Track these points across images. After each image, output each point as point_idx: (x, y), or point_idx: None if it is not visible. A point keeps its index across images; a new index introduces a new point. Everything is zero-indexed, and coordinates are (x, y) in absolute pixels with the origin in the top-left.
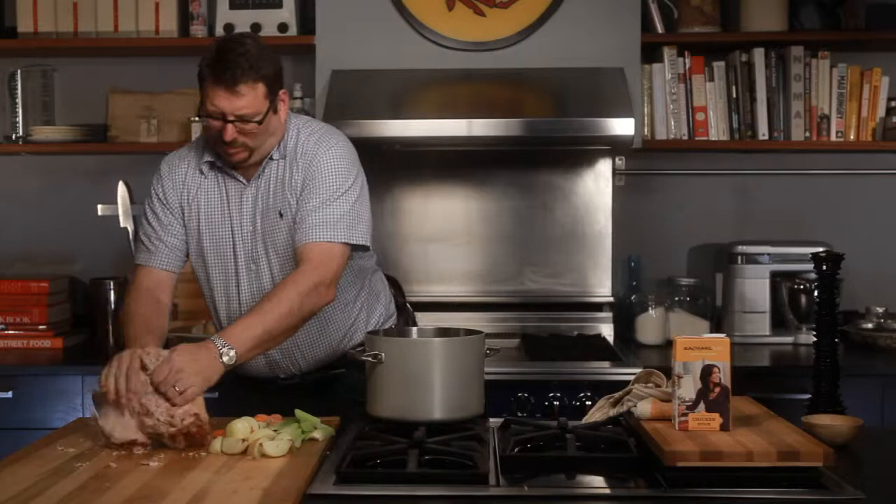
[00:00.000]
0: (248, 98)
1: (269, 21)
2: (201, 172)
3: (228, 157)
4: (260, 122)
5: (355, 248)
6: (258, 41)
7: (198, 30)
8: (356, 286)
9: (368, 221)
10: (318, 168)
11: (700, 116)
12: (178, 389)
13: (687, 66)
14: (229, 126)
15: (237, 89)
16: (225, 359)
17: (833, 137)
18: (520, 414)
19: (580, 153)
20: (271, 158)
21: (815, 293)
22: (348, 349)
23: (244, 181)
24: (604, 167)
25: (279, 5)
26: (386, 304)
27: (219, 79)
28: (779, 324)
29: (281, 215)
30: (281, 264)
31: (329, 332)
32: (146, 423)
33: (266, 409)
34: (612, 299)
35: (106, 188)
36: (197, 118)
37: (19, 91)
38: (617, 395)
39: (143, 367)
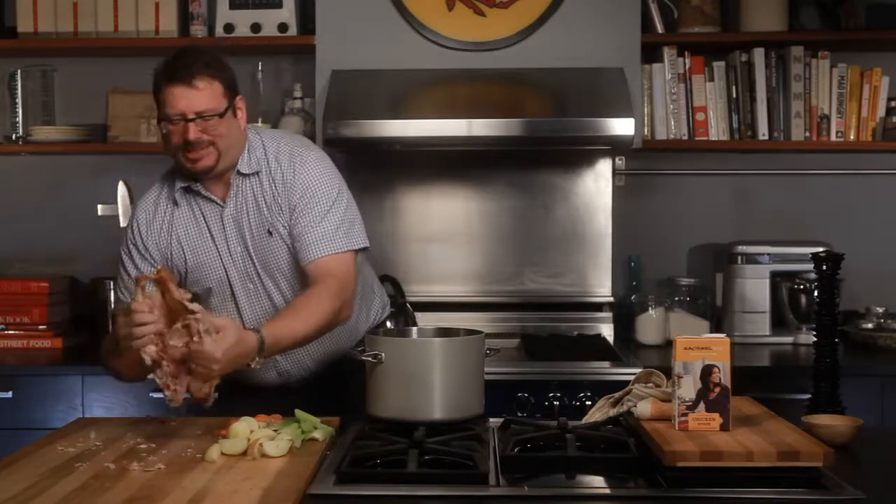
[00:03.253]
0: (206, 93)
1: (269, 21)
2: (175, 203)
3: (194, 165)
4: (221, 116)
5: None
6: (212, 50)
7: (198, 30)
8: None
9: (361, 221)
10: (303, 188)
11: (700, 116)
12: (200, 370)
13: (687, 66)
14: (191, 125)
15: (194, 83)
16: (260, 356)
17: (833, 137)
18: (520, 414)
19: (580, 153)
20: (240, 173)
21: (815, 293)
22: (349, 348)
23: (220, 202)
24: (604, 167)
25: (279, 5)
26: (380, 294)
27: (174, 76)
28: (779, 324)
29: (270, 233)
30: (283, 279)
31: (336, 336)
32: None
33: (266, 409)
34: (612, 299)
35: (106, 188)
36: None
37: (19, 91)
38: (617, 395)
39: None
